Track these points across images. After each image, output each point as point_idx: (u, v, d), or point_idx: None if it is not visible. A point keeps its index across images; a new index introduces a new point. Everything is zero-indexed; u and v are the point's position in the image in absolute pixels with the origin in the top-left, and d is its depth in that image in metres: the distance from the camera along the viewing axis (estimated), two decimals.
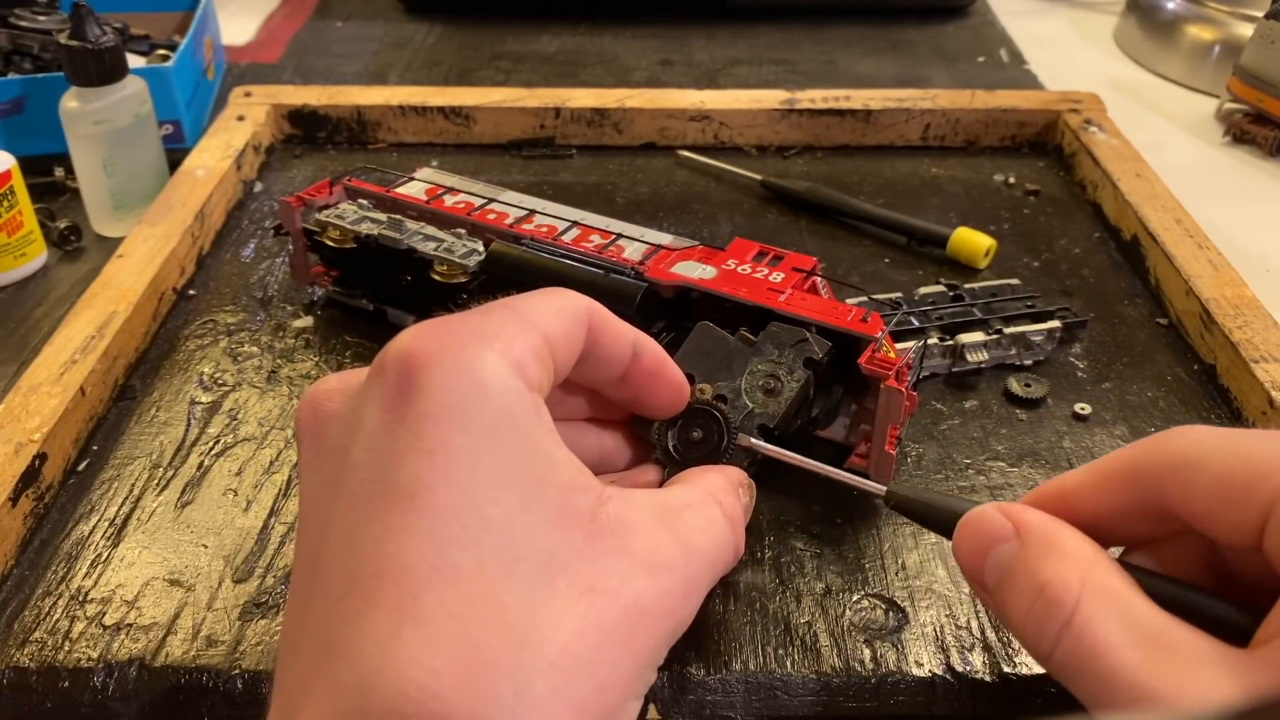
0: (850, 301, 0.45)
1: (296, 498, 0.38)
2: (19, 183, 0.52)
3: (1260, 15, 0.69)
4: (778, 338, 0.37)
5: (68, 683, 0.33)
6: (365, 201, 0.48)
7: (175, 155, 0.60)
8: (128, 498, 0.40)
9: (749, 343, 0.37)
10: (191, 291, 0.52)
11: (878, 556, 0.37)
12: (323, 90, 0.67)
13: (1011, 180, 0.63)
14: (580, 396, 0.33)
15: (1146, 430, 0.43)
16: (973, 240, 0.53)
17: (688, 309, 0.42)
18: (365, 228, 0.45)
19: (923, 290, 0.49)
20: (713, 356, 0.37)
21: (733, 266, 0.42)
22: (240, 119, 0.63)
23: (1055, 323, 0.47)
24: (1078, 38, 0.89)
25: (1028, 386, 0.45)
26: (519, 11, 0.89)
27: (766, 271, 0.41)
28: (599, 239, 0.45)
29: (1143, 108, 0.76)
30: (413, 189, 0.49)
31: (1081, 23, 0.92)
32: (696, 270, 0.41)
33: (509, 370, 0.25)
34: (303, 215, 0.47)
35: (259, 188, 0.61)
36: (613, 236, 0.45)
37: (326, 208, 0.47)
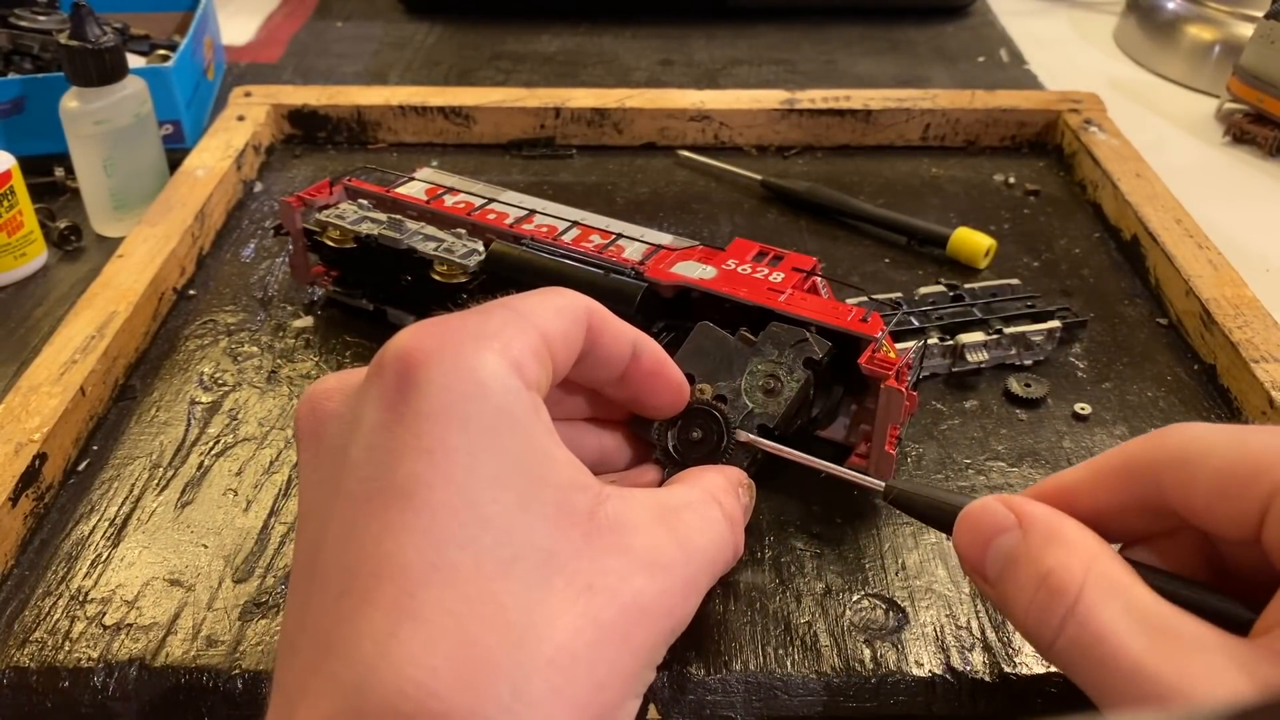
0: (850, 301, 0.45)
1: (296, 497, 0.38)
2: (19, 183, 0.52)
3: (1260, 15, 0.69)
4: (778, 338, 0.37)
5: (68, 683, 0.33)
6: (365, 201, 0.48)
7: (175, 155, 0.60)
8: (128, 498, 0.40)
9: (749, 343, 0.37)
10: (191, 291, 0.52)
11: (878, 556, 0.37)
12: (323, 90, 0.67)
13: (1011, 180, 0.63)
14: (580, 396, 0.33)
15: (1146, 430, 0.43)
16: (973, 240, 0.53)
17: (688, 309, 0.42)
18: (365, 228, 0.45)
19: (923, 290, 0.49)
20: (712, 356, 0.37)
21: (733, 266, 0.42)
22: (240, 119, 0.63)
23: (1055, 323, 0.47)
24: (1078, 38, 0.89)
25: (1028, 386, 0.45)
26: (519, 11, 0.89)
27: (766, 271, 0.41)
28: (599, 239, 0.45)
29: (1143, 108, 0.76)
30: (413, 189, 0.49)
31: (1081, 23, 0.92)
32: (696, 270, 0.41)
33: (507, 369, 0.25)
34: (303, 215, 0.47)
35: (259, 188, 0.61)
36: (613, 236, 0.45)
37: (326, 208, 0.47)
